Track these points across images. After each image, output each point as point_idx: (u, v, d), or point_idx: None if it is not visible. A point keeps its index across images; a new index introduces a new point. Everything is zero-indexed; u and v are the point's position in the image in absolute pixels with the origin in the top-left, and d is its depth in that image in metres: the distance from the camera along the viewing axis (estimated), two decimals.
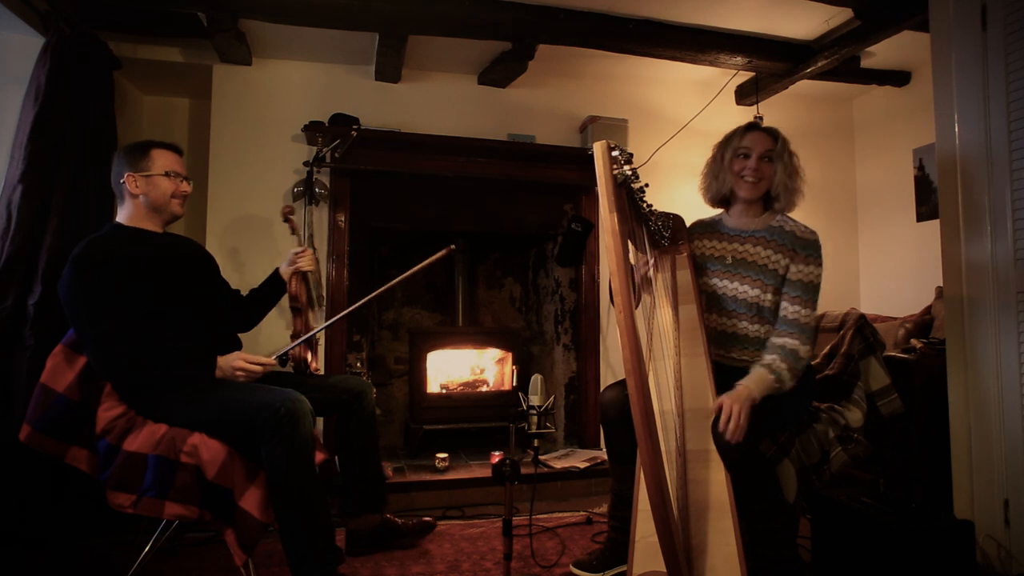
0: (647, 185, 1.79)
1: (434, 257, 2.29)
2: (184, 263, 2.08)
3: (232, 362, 1.92)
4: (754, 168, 1.94)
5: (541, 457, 3.21)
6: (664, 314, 1.96)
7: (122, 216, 2.01)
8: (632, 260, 1.98)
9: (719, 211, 2.13)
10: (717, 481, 1.67)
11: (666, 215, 2.00)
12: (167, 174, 1.99)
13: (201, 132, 3.36)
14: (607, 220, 1.44)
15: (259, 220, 3.17)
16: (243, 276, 2.32)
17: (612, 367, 3.57)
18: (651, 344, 1.96)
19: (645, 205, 1.84)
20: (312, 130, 3.10)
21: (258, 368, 1.94)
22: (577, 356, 3.63)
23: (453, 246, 2.33)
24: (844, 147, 4.15)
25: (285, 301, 2.41)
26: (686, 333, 1.91)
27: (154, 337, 1.86)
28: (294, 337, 2.37)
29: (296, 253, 2.38)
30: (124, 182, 1.97)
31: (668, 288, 1.99)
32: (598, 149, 1.46)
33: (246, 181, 3.17)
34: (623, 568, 1.78)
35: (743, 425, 1.63)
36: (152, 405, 1.84)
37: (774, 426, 1.94)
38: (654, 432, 1.46)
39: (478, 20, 2.83)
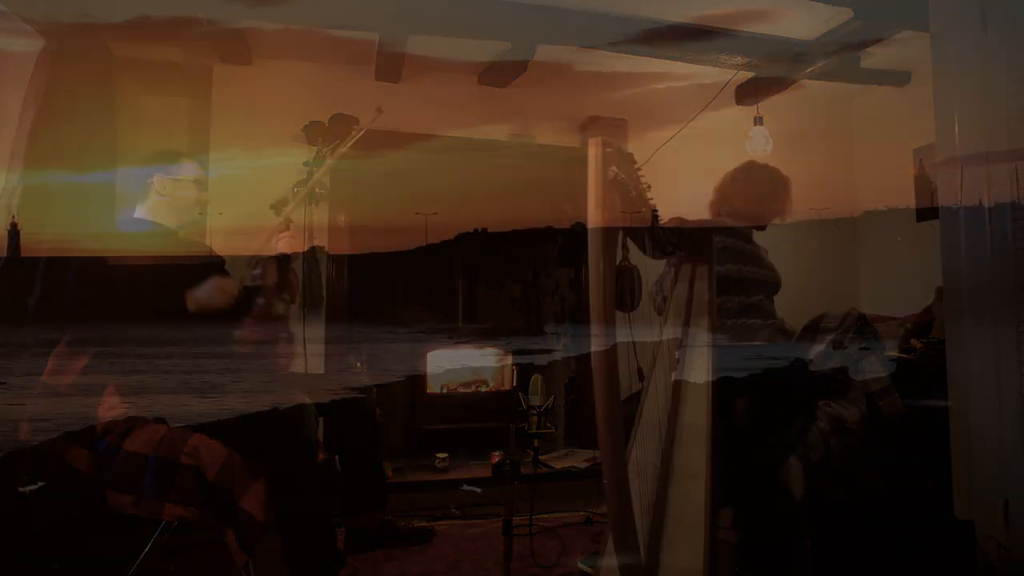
0: (649, 186, 1.78)
1: None
2: (190, 262, 2.09)
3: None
4: None
5: (541, 457, 3.21)
6: (675, 324, 2.00)
7: (140, 214, 2.03)
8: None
9: None
10: (696, 500, 1.62)
11: (682, 230, 2.02)
12: (197, 181, 2.04)
13: (201, 132, 3.35)
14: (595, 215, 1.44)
15: (259, 220, 3.16)
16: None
17: None
18: (657, 352, 1.97)
19: (653, 211, 1.84)
20: (312, 130, 3.09)
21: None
22: (577, 356, 3.63)
23: None
24: (844, 147, 4.14)
25: None
26: (694, 344, 1.94)
27: (157, 337, 1.85)
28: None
29: (278, 234, 2.28)
30: (152, 183, 2.00)
31: (683, 299, 2.01)
32: (592, 145, 1.46)
33: (246, 181, 3.16)
34: None
35: None
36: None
37: (776, 424, 1.96)
38: (618, 414, 1.41)
39: (478, 20, 2.83)
